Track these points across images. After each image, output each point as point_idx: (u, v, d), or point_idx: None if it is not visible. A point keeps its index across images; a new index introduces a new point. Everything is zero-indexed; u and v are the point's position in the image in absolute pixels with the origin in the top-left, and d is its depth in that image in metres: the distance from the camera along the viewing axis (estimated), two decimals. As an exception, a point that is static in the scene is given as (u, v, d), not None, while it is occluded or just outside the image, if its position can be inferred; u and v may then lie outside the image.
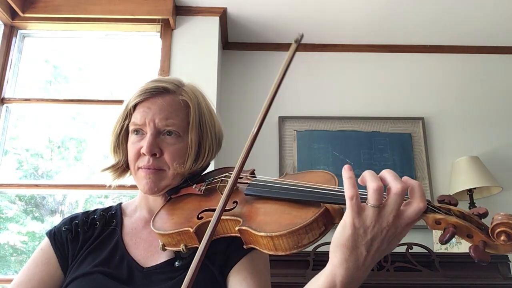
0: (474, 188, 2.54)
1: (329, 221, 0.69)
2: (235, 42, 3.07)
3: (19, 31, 2.73)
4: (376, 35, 3.00)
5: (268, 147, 2.79)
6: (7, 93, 2.58)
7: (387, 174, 0.64)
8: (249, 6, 2.73)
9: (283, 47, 3.08)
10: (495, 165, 2.76)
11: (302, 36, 0.78)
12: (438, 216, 0.62)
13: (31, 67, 2.80)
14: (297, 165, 2.79)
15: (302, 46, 3.11)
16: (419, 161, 2.83)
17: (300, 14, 2.79)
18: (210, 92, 2.52)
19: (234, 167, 0.99)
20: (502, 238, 0.59)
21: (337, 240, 0.64)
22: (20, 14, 2.59)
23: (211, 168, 1.04)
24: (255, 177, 0.90)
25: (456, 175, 2.61)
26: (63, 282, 0.90)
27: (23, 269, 0.92)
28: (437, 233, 2.50)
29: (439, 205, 0.65)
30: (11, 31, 2.67)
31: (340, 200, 0.67)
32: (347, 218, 0.62)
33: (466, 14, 2.78)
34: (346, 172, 0.64)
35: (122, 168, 0.97)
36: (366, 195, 0.62)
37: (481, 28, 2.91)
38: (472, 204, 2.53)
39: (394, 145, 2.86)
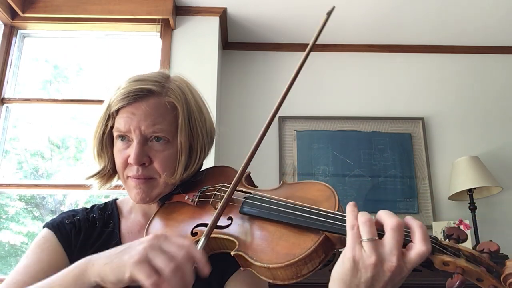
0: (474, 188, 2.54)
1: (329, 248, 0.67)
2: (235, 42, 3.07)
3: (19, 31, 2.73)
4: (376, 35, 3.00)
5: (268, 147, 2.79)
6: (7, 93, 2.58)
7: (381, 212, 0.62)
8: (249, 6, 2.73)
9: (283, 47, 3.08)
10: (495, 165, 2.76)
11: (333, 8, 0.79)
12: (447, 258, 0.59)
13: (31, 67, 2.80)
14: (297, 165, 2.79)
15: (302, 47, 3.11)
16: (419, 161, 2.83)
17: (300, 14, 2.79)
18: (210, 92, 2.54)
19: (229, 168, 0.94)
20: None
21: (336, 274, 0.61)
22: (20, 14, 2.59)
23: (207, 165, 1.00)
24: (252, 184, 0.87)
25: (456, 175, 2.61)
26: None
27: (26, 255, 0.86)
28: (437, 234, 2.50)
29: (447, 243, 0.61)
30: (11, 31, 2.67)
31: (340, 230, 0.64)
32: (347, 250, 0.60)
33: (466, 14, 2.77)
34: (349, 206, 0.63)
35: (109, 173, 0.92)
36: None
37: (481, 28, 2.91)
38: (472, 204, 2.53)
39: (394, 145, 2.86)
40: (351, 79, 3.04)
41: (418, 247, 0.58)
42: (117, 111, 0.86)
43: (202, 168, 0.98)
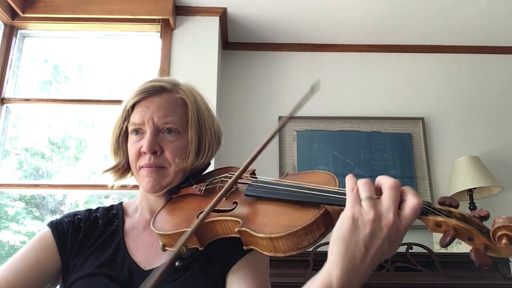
0: (474, 188, 2.54)
1: (329, 222, 0.69)
2: (235, 42, 3.07)
3: (19, 31, 2.73)
4: (376, 35, 3.00)
5: (268, 147, 2.78)
6: (7, 93, 2.58)
7: (379, 176, 0.66)
8: (249, 6, 2.73)
9: (283, 47, 3.08)
10: (495, 165, 2.76)
11: (318, 83, 0.85)
12: (439, 218, 0.62)
13: (31, 67, 2.80)
14: (297, 165, 2.79)
15: (302, 46, 3.12)
16: (419, 161, 2.83)
17: (300, 14, 2.79)
18: (210, 92, 2.54)
19: (235, 167, 0.97)
20: (503, 241, 0.58)
21: (335, 234, 0.63)
22: (20, 14, 2.59)
23: (212, 168, 1.03)
24: (256, 177, 0.89)
25: (456, 175, 2.61)
26: (61, 272, 0.90)
27: (18, 251, 0.91)
28: (437, 234, 2.50)
29: (439, 207, 0.64)
30: (11, 31, 2.67)
31: (340, 201, 0.67)
32: (347, 210, 0.63)
33: (466, 14, 2.77)
34: (349, 175, 0.67)
35: (123, 168, 0.98)
36: None
37: (481, 28, 2.91)
38: (472, 204, 2.53)
39: (394, 145, 2.86)
40: (351, 79, 3.04)
41: (410, 201, 0.62)
42: (133, 107, 0.94)
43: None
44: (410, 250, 2.07)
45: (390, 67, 3.07)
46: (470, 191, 2.55)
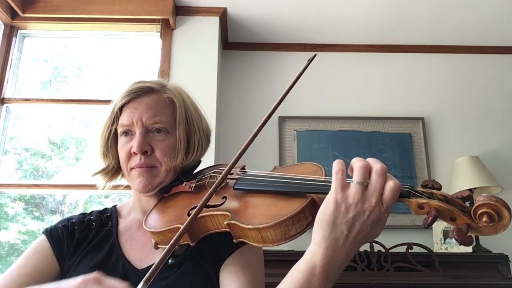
0: (474, 188, 2.54)
1: (315, 211, 0.69)
2: (235, 42, 3.07)
3: (19, 31, 2.73)
4: (376, 35, 3.00)
5: (268, 147, 2.79)
6: (7, 93, 2.58)
7: (369, 159, 0.67)
8: (249, 6, 2.73)
9: (283, 47, 3.08)
10: (495, 165, 2.75)
11: (314, 56, 0.86)
12: (421, 200, 0.63)
13: (31, 67, 2.80)
14: (297, 165, 2.78)
15: (302, 46, 3.12)
16: (419, 161, 2.83)
17: (300, 14, 2.79)
18: (210, 92, 2.54)
19: (224, 164, 0.99)
20: (484, 219, 0.60)
21: (319, 217, 0.65)
22: (20, 14, 2.59)
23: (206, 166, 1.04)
24: (245, 172, 0.90)
25: (456, 175, 2.61)
26: (59, 274, 0.91)
27: (18, 259, 0.93)
28: (437, 234, 2.50)
29: (422, 189, 0.65)
30: (11, 31, 2.67)
31: (325, 189, 0.68)
32: (330, 194, 0.65)
33: (466, 14, 2.77)
34: (337, 160, 0.68)
35: (113, 170, 0.99)
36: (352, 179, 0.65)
37: (481, 28, 2.91)
38: (471, 204, 2.53)
39: (394, 145, 2.86)
40: (351, 79, 3.04)
41: (389, 184, 0.63)
42: (121, 109, 0.94)
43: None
44: (410, 250, 2.07)
45: (390, 67, 3.07)
46: (470, 191, 2.55)
